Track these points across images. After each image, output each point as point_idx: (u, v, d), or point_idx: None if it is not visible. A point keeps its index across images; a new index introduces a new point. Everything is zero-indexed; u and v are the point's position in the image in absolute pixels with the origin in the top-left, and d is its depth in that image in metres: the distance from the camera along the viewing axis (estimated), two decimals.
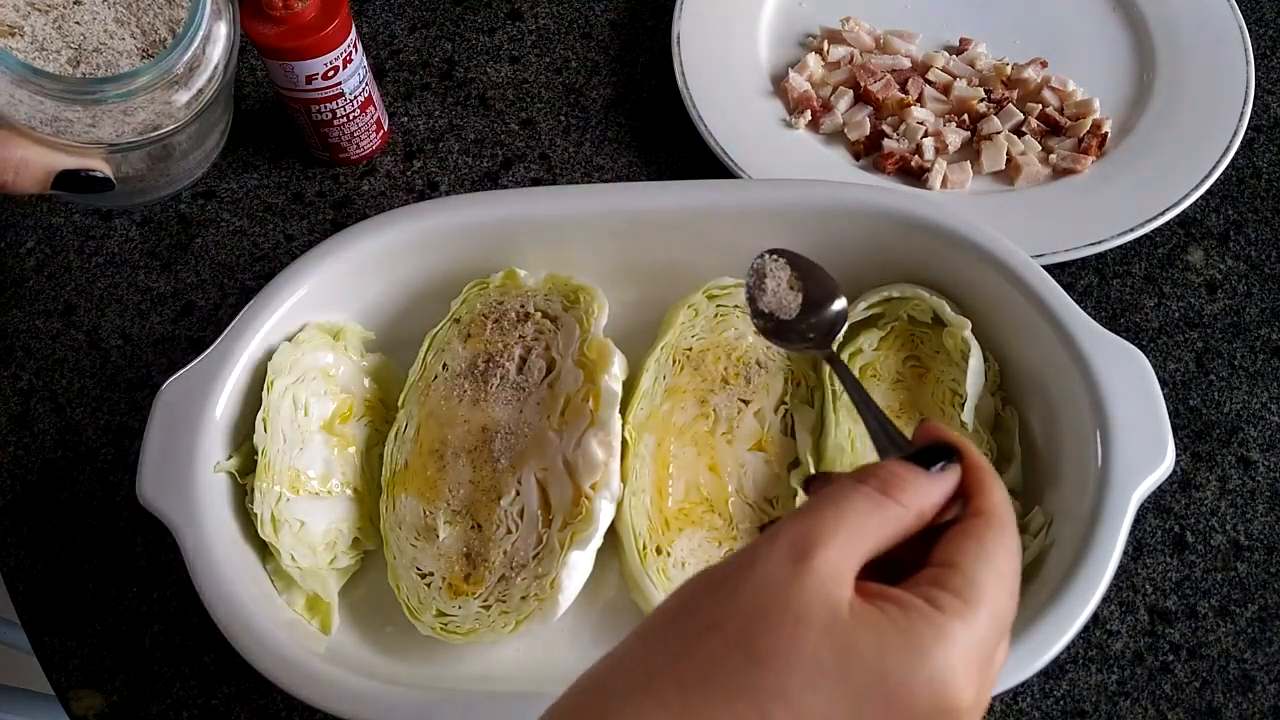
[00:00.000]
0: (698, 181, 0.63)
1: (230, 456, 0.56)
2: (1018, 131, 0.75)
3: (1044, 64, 0.78)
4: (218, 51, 0.48)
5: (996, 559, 0.33)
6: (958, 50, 0.80)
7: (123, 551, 0.63)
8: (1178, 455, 0.62)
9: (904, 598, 0.31)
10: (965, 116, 0.75)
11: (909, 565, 0.34)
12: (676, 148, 0.77)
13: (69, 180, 0.45)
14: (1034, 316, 0.57)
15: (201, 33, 0.46)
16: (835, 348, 0.49)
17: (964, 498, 0.35)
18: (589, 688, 0.31)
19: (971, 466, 0.36)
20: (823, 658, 0.29)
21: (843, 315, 0.50)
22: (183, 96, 0.47)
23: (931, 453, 0.36)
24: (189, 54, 0.46)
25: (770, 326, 0.50)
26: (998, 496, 0.35)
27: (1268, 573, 0.62)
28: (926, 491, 0.34)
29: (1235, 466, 0.65)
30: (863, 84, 0.76)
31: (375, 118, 0.74)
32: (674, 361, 0.61)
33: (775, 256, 0.51)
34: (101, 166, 0.46)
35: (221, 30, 0.48)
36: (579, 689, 0.31)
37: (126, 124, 0.46)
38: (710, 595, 0.31)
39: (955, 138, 0.74)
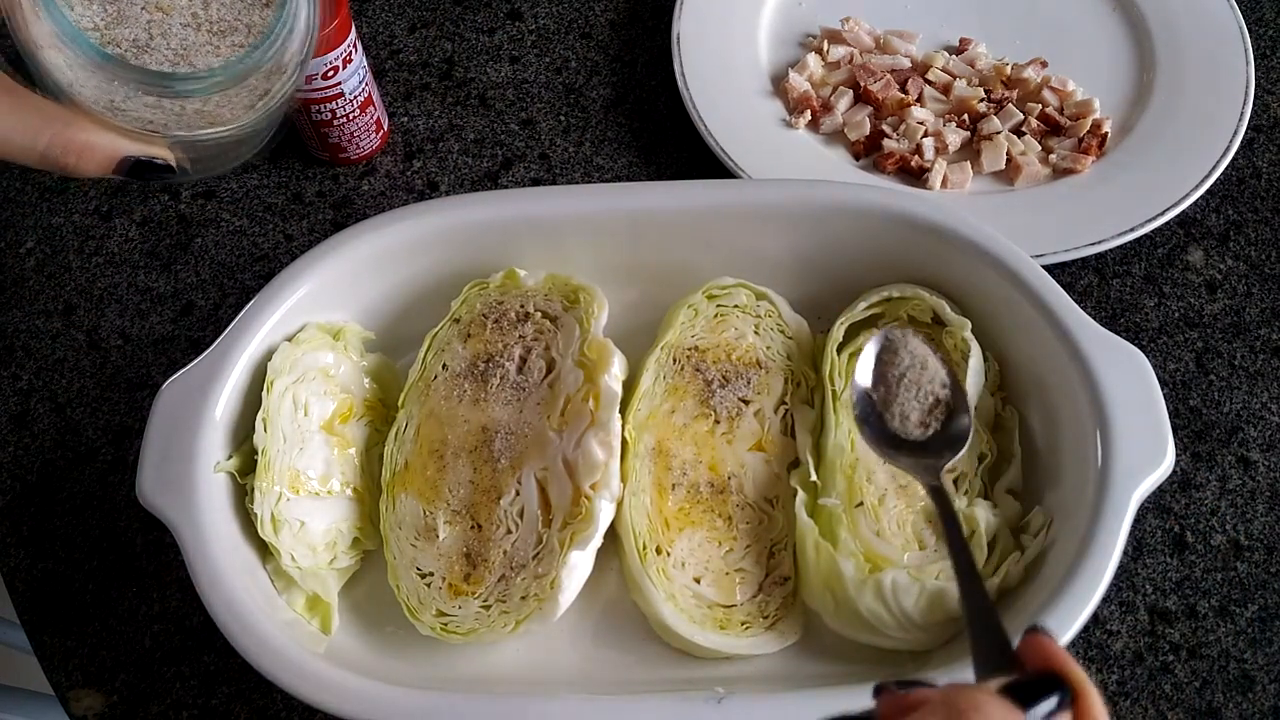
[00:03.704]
0: (698, 181, 0.63)
1: (230, 456, 0.56)
2: (1018, 131, 0.75)
3: (1044, 64, 0.78)
4: (291, 53, 0.46)
5: None
6: (958, 50, 0.80)
7: (123, 551, 0.63)
8: (1178, 455, 0.62)
9: None
10: (965, 116, 0.75)
11: None
12: (676, 148, 0.77)
13: (133, 167, 0.44)
14: (1034, 316, 0.57)
15: (283, 40, 0.44)
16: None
17: None
18: None
19: (1085, 713, 0.32)
20: None
21: (963, 438, 0.48)
22: (253, 97, 0.45)
23: (1039, 686, 0.31)
24: (269, 59, 0.44)
25: (883, 438, 0.49)
26: None
27: (1268, 573, 0.62)
28: None
29: (1235, 466, 0.65)
30: (863, 84, 0.76)
31: (375, 118, 0.74)
32: (674, 361, 0.61)
33: (905, 351, 0.50)
34: (164, 153, 0.45)
35: (300, 25, 0.46)
36: None
37: (198, 117, 0.44)
38: None
39: (955, 138, 0.74)
